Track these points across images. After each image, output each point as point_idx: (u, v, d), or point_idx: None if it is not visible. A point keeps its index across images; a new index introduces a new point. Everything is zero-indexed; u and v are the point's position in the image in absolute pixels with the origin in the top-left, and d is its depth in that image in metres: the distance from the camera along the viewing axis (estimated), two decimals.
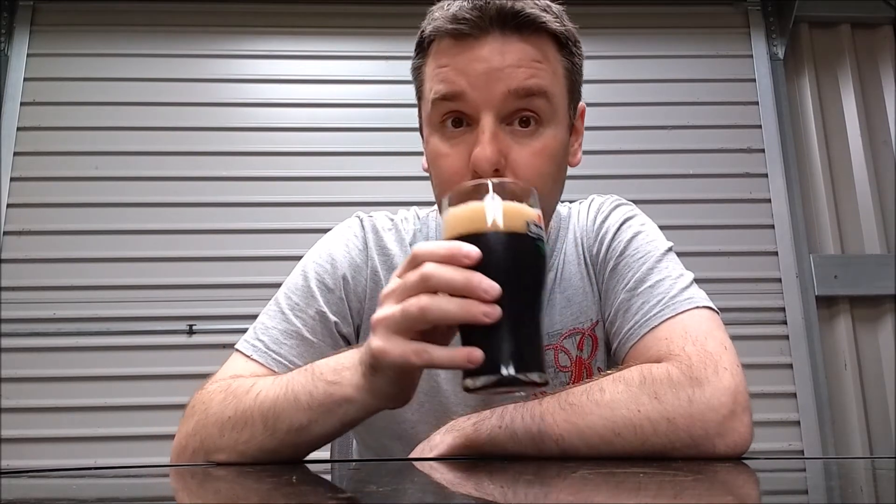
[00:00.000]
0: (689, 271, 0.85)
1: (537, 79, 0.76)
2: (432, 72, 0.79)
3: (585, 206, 0.96)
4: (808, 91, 2.57)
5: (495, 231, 0.59)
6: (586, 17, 2.50)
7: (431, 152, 0.81)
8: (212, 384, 0.80)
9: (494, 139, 0.74)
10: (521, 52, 0.75)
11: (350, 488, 0.61)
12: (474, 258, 0.58)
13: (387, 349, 0.61)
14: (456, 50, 0.76)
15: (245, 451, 0.72)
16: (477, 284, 0.57)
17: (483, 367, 0.57)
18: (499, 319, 0.57)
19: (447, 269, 0.58)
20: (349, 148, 2.45)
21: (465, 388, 0.59)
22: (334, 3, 2.55)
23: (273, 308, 0.88)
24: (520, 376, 0.57)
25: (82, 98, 2.44)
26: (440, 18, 0.77)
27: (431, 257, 0.59)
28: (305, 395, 0.69)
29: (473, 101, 0.75)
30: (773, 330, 2.37)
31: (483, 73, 0.74)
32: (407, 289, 0.60)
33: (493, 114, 0.75)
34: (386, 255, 0.92)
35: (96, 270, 2.32)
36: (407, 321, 0.60)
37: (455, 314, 0.58)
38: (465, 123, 0.77)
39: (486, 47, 0.75)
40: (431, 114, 0.79)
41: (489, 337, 0.57)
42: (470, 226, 0.60)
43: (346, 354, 0.71)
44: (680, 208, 2.42)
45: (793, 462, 1.24)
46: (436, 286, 0.59)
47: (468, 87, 0.75)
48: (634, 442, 0.67)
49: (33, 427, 2.20)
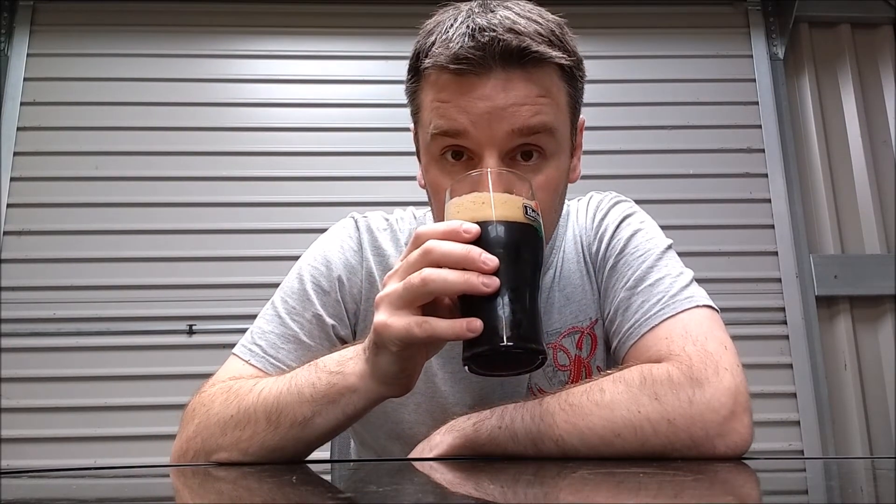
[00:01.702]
0: (689, 269, 0.84)
1: (541, 116, 0.74)
2: (431, 103, 0.76)
3: (584, 204, 0.95)
4: (808, 91, 2.57)
5: (496, 216, 0.62)
6: (586, 17, 2.52)
7: (431, 182, 0.79)
8: (211, 387, 0.80)
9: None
10: (524, 90, 0.73)
11: (350, 488, 0.61)
12: (473, 233, 0.61)
13: (389, 323, 0.62)
14: (456, 86, 0.73)
15: (247, 449, 0.72)
16: (476, 255, 0.60)
17: (482, 338, 0.59)
18: (497, 292, 0.59)
19: (447, 243, 0.61)
20: (349, 148, 2.45)
21: (464, 359, 0.61)
22: (334, 3, 2.55)
23: (270, 312, 0.88)
24: (518, 345, 0.59)
25: (82, 98, 2.44)
26: (440, 53, 0.73)
27: (432, 235, 0.62)
28: (308, 388, 0.70)
29: (476, 140, 0.73)
30: (773, 330, 2.37)
31: (486, 112, 0.72)
32: (410, 265, 0.62)
33: (496, 152, 0.73)
34: (381, 255, 0.92)
35: (96, 270, 2.32)
36: (409, 293, 0.62)
37: (455, 283, 0.60)
38: (465, 156, 0.76)
39: (489, 85, 0.72)
40: (431, 145, 0.77)
41: (488, 309, 0.60)
42: (470, 213, 0.63)
43: (351, 348, 0.72)
44: (680, 208, 2.42)
45: (793, 462, 1.24)
46: (437, 259, 0.61)
47: (470, 126, 0.73)
48: (634, 443, 0.67)
49: (33, 427, 2.20)
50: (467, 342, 0.61)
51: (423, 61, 0.76)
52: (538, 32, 0.73)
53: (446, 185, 0.75)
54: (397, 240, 0.93)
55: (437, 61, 0.73)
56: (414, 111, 0.82)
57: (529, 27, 0.73)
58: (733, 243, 2.43)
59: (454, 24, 0.74)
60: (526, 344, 0.60)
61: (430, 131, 0.76)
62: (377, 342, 0.64)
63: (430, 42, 0.75)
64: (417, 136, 0.83)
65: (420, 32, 0.78)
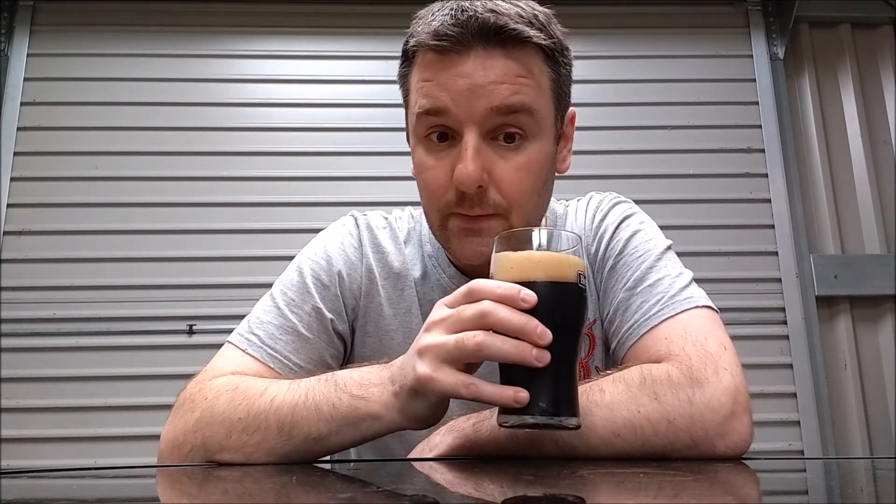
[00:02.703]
0: (688, 269, 0.84)
1: (521, 95, 0.75)
2: (416, 84, 0.78)
3: (584, 204, 0.95)
4: (808, 91, 2.57)
5: (549, 280, 0.62)
6: (586, 18, 2.52)
7: (417, 163, 0.82)
8: (212, 379, 0.79)
9: (477, 156, 0.75)
10: (504, 68, 0.74)
11: (350, 488, 0.60)
12: (531, 303, 0.60)
13: (436, 378, 0.62)
14: (439, 65, 0.76)
15: (252, 454, 0.72)
16: (533, 329, 0.59)
17: (522, 407, 0.60)
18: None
19: (505, 310, 0.60)
20: (349, 148, 2.45)
21: (500, 424, 0.62)
22: (334, 3, 2.55)
23: (268, 303, 0.88)
24: (556, 421, 0.60)
25: (82, 98, 2.44)
26: (423, 32, 0.76)
27: (490, 295, 0.61)
28: (328, 406, 0.69)
29: (456, 117, 0.75)
30: (773, 330, 2.37)
31: (465, 89, 0.74)
32: (462, 321, 0.62)
33: (476, 130, 0.75)
34: (380, 252, 0.92)
35: (96, 270, 2.32)
36: (460, 353, 0.61)
37: (509, 354, 0.60)
38: (449, 137, 0.77)
39: (469, 63, 0.74)
40: (417, 126, 0.80)
41: (532, 379, 0.60)
42: (524, 273, 0.62)
43: (371, 369, 0.71)
44: (680, 208, 2.42)
45: (793, 462, 1.24)
46: (493, 324, 0.60)
47: (451, 104, 0.75)
48: (634, 443, 0.67)
49: (33, 427, 2.20)
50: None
51: (409, 43, 0.79)
52: (519, 14, 0.75)
53: (429, 164, 0.79)
54: (396, 238, 0.94)
55: (419, 40, 0.76)
56: (404, 95, 0.84)
57: (511, 10, 0.75)
58: (733, 243, 2.43)
59: (440, 9, 0.77)
60: (563, 420, 0.60)
61: (415, 111, 0.78)
62: (416, 389, 0.64)
63: (418, 28, 0.78)
64: (408, 124, 0.84)
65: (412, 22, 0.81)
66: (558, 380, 0.61)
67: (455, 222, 0.80)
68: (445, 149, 0.78)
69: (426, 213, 0.85)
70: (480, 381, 0.61)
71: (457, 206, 0.78)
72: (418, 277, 0.91)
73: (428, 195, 0.81)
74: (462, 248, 0.81)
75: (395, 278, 0.91)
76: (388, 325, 0.90)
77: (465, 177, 0.74)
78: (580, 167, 0.87)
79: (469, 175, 0.74)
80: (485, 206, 0.77)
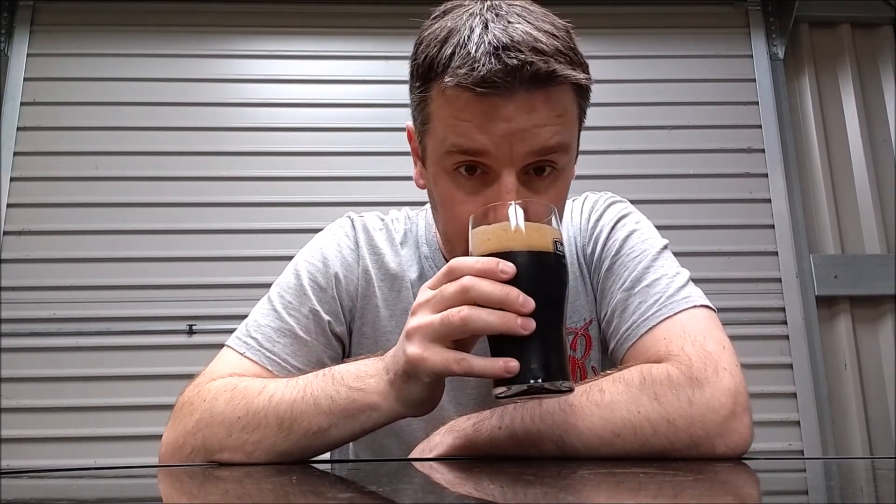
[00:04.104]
0: (685, 269, 0.84)
1: (559, 136, 0.73)
2: (447, 118, 0.73)
3: (579, 204, 0.95)
4: (808, 91, 2.57)
5: (527, 250, 0.63)
6: (586, 17, 2.52)
7: (442, 195, 0.78)
8: (210, 381, 0.79)
9: (517, 196, 0.72)
10: (546, 111, 0.72)
11: (350, 488, 0.61)
12: (510, 274, 0.61)
13: (426, 356, 0.62)
14: (478, 106, 0.70)
15: (252, 452, 0.72)
16: (514, 298, 0.60)
17: (515, 377, 0.61)
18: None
19: (486, 283, 0.61)
20: (349, 148, 2.45)
21: (497, 395, 0.62)
22: (334, 3, 2.55)
23: (265, 306, 0.88)
24: (549, 385, 0.61)
25: (82, 98, 2.44)
26: (464, 74, 0.69)
27: (469, 270, 0.62)
28: (326, 400, 0.70)
29: (496, 159, 0.72)
30: (773, 330, 2.37)
31: (507, 133, 0.71)
32: (445, 299, 0.62)
33: (514, 171, 0.73)
34: (377, 254, 0.92)
35: (96, 270, 2.32)
36: (447, 329, 0.62)
37: (495, 325, 0.60)
38: (479, 170, 0.74)
39: (512, 107, 0.70)
40: (444, 159, 0.75)
41: (521, 347, 0.61)
42: (501, 244, 0.63)
43: (367, 361, 0.71)
44: (680, 208, 2.42)
45: (793, 462, 1.24)
46: (475, 298, 0.61)
47: (491, 147, 0.71)
48: (634, 443, 0.67)
49: (33, 427, 2.20)
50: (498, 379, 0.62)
51: (440, 74, 0.72)
52: (559, 51, 0.71)
53: (459, 199, 0.75)
54: (392, 239, 0.94)
55: (461, 81, 0.69)
56: (422, 119, 0.78)
57: (551, 45, 0.70)
58: (733, 243, 2.43)
59: (471, 37, 0.70)
60: (558, 383, 0.61)
61: (447, 147, 0.74)
62: (409, 372, 0.65)
63: (448, 54, 0.71)
64: (421, 140, 0.81)
65: (426, 34, 0.75)
66: (547, 346, 0.62)
67: None
68: (476, 183, 0.75)
69: (448, 239, 0.82)
70: (471, 356, 0.62)
71: None
72: (415, 279, 0.91)
73: (456, 227, 0.77)
74: None
75: (391, 280, 0.91)
76: (385, 327, 0.90)
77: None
78: (580, 167, 0.86)
79: None
80: None
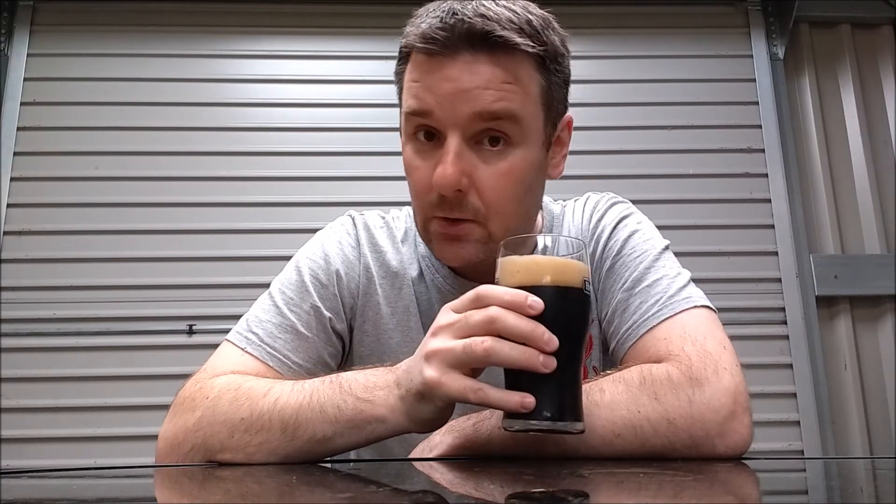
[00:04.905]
0: (686, 269, 0.85)
1: (505, 102, 0.75)
2: (407, 84, 0.79)
3: (581, 205, 0.95)
4: (808, 91, 2.57)
5: (556, 286, 0.62)
6: (587, 17, 2.52)
7: (405, 161, 0.82)
8: (212, 378, 0.79)
9: (457, 159, 0.75)
10: (489, 74, 0.74)
11: (350, 488, 0.60)
12: (538, 310, 0.61)
13: (444, 382, 0.62)
14: (427, 67, 0.76)
15: (254, 454, 0.71)
16: (540, 336, 0.60)
17: (528, 412, 0.60)
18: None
19: (513, 316, 0.60)
20: (349, 148, 2.45)
21: (506, 427, 0.62)
22: (334, 3, 2.55)
23: (267, 302, 0.88)
24: (561, 425, 0.61)
25: (82, 98, 2.44)
26: (413, 33, 0.77)
27: (497, 301, 0.62)
28: (333, 408, 0.69)
29: (440, 120, 0.76)
30: (773, 330, 2.37)
31: (450, 93, 0.74)
32: (469, 326, 0.62)
33: (459, 133, 0.75)
34: (378, 251, 0.92)
35: (96, 270, 2.32)
36: (468, 358, 0.62)
37: (517, 360, 0.60)
38: (436, 137, 0.78)
39: (456, 67, 0.74)
40: (405, 125, 0.80)
41: (538, 384, 0.60)
42: (531, 277, 0.62)
43: (376, 372, 0.71)
44: (680, 208, 2.42)
45: (793, 462, 1.24)
46: (500, 330, 0.61)
47: (436, 106, 0.75)
48: (634, 442, 0.67)
49: (33, 427, 2.19)
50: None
51: (402, 42, 0.80)
52: (510, 20, 0.74)
53: (416, 164, 0.79)
54: (393, 237, 0.94)
55: (409, 41, 0.77)
56: (398, 92, 0.84)
57: (502, 14, 0.74)
58: (733, 243, 2.43)
59: (433, 10, 0.77)
60: (568, 424, 0.61)
61: (404, 110, 0.79)
62: (424, 393, 0.64)
63: (410, 28, 0.78)
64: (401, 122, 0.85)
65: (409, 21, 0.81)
66: (563, 385, 0.61)
67: (435, 226, 0.80)
68: (431, 149, 0.78)
69: (414, 213, 0.86)
70: (487, 386, 0.62)
71: (438, 209, 0.79)
72: (415, 277, 0.91)
73: (413, 195, 0.82)
74: (442, 251, 0.82)
75: (392, 277, 0.91)
76: (387, 325, 0.90)
77: (443, 179, 0.75)
78: (580, 167, 0.87)
79: (447, 178, 0.75)
80: (464, 211, 0.78)
